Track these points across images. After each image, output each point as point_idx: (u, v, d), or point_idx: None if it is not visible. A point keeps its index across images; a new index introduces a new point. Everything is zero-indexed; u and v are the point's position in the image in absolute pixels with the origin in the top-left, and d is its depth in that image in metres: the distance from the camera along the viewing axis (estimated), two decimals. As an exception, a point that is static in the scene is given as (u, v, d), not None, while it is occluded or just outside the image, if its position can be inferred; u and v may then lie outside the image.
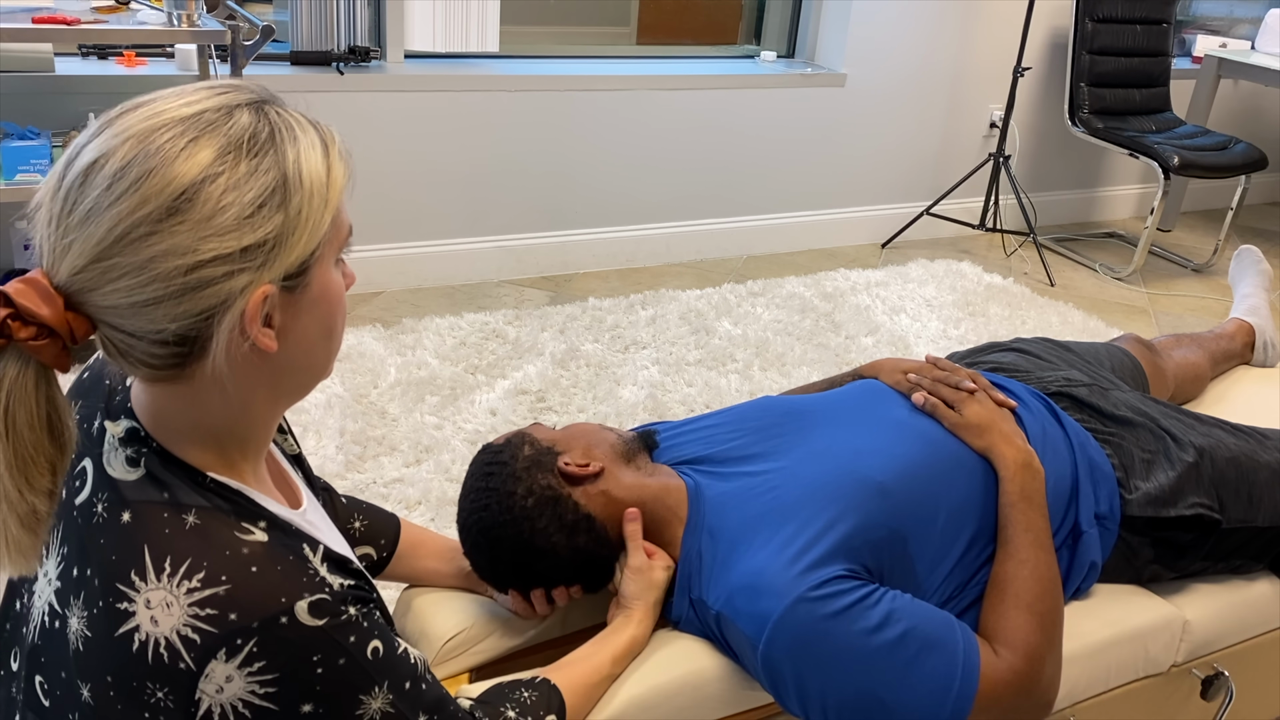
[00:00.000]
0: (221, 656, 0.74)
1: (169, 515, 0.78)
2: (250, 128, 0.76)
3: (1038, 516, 1.25)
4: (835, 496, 1.19)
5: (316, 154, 0.78)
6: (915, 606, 1.11)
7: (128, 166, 0.72)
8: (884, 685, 1.06)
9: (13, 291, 0.72)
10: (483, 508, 1.17)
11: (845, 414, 1.36)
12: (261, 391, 0.83)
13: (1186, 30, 4.84)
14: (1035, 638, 1.14)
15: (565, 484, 1.19)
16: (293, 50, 3.02)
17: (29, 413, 0.73)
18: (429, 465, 2.30)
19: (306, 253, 0.78)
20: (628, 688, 1.13)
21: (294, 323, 0.80)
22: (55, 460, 0.75)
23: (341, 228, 0.82)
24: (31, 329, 0.72)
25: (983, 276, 3.71)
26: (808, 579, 1.09)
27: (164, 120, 0.74)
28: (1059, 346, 1.74)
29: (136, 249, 0.72)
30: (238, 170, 0.74)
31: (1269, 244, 4.46)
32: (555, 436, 1.24)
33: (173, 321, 0.74)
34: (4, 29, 2.23)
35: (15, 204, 2.69)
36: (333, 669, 0.77)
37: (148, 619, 0.75)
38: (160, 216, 0.72)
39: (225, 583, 0.75)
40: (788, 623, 1.07)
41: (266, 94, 0.80)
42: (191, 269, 0.73)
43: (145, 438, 0.82)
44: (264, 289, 0.75)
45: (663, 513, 1.22)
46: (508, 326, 3.00)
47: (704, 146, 3.61)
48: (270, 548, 0.78)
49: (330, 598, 0.78)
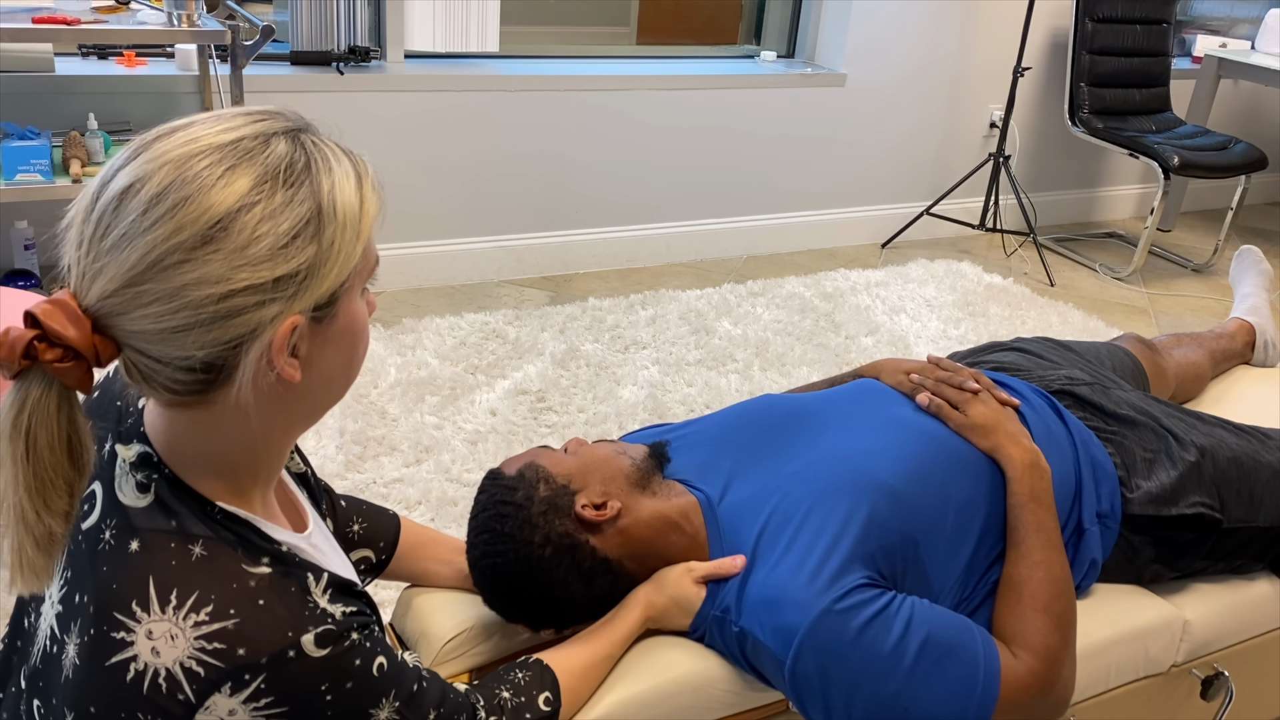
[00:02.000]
0: (225, 690, 0.74)
1: (176, 546, 0.77)
2: (287, 156, 0.75)
3: (1047, 516, 1.25)
4: (845, 501, 1.18)
5: (350, 185, 0.78)
6: (934, 612, 1.11)
7: (164, 193, 0.71)
8: (909, 694, 1.06)
9: (40, 313, 0.71)
10: (497, 554, 1.14)
11: (850, 415, 1.35)
12: (279, 419, 0.82)
13: (1186, 30, 4.84)
14: (1052, 639, 1.14)
15: (583, 530, 1.15)
16: (293, 50, 3.02)
17: (50, 434, 0.72)
18: (429, 465, 2.30)
19: (337, 284, 0.77)
20: (629, 686, 1.13)
21: (319, 353, 0.80)
22: (73, 482, 0.74)
23: (370, 258, 0.82)
24: (58, 351, 0.71)
25: (983, 276, 3.71)
26: (831, 592, 1.08)
27: (201, 147, 0.73)
28: (1060, 346, 1.74)
29: (169, 276, 0.71)
30: (274, 200, 0.73)
31: (1269, 244, 4.46)
32: (569, 470, 1.19)
33: (201, 349, 0.73)
34: (4, 29, 2.23)
35: (15, 204, 2.69)
36: (341, 693, 0.77)
37: (148, 649, 0.74)
38: (195, 244, 0.71)
39: (233, 616, 0.75)
40: (814, 636, 1.07)
41: (302, 121, 0.80)
42: (223, 298, 0.72)
43: (158, 463, 0.81)
44: (293, 319, 0.75)
45: (684, 542, 1.20)
46: (508, 326, 3.00)
47: (704, 146, 3.61)
48: (275, 580, 0.78)
49: (335, 627, 0.78)
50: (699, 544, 1.20)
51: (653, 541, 1.19)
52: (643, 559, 1.18)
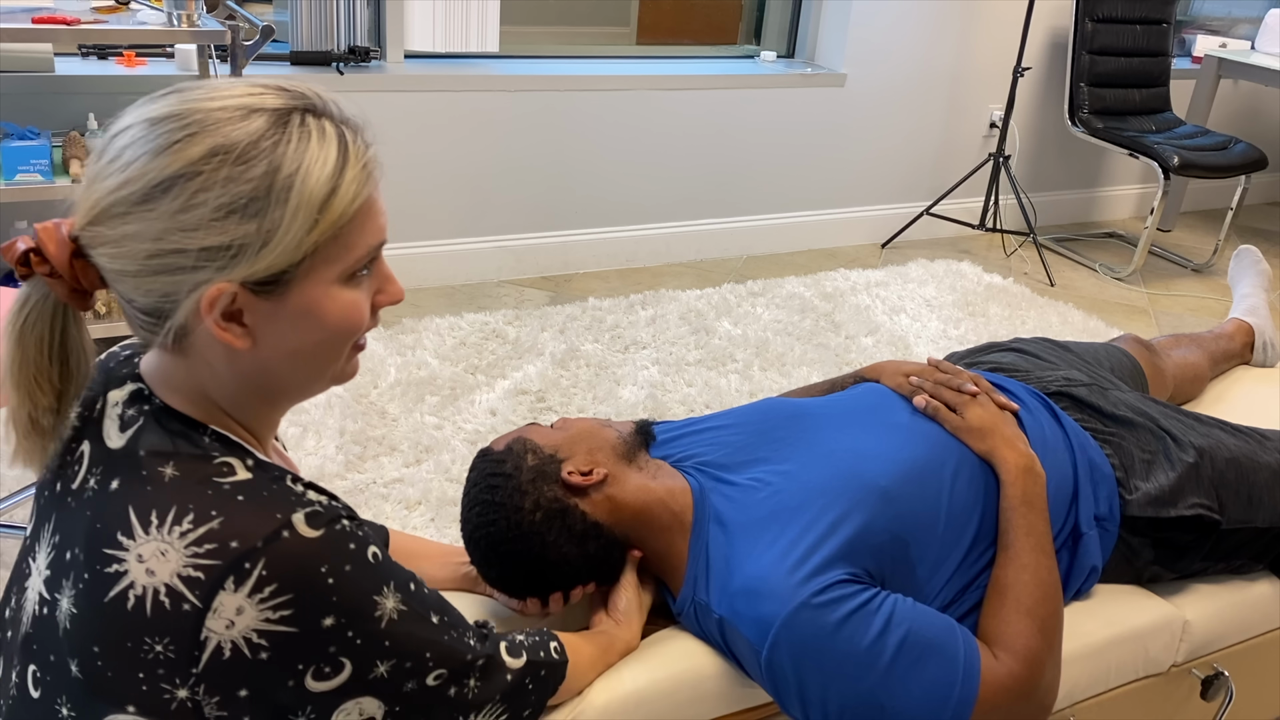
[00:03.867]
0: (229, 586, 0.75)
1: (148, 472, 0.80)
2: (257, 135, 0.77)
3: (1039, 521, 1.25)
4: (838, 500, 1.18)
5: (324, 171, 0.78)
6: (917, 611, 1.11)
7: (131, 144, 0.77)
8: (885, 691, 1.06)
9: (39, 228, 0.79)
10: (489, 523, 1.16)
11: (848, 417, 1.36)
12: (251, 385, 0.85)
13: (1186, 30, 4.84)
14: (1035, 642, 1.14)
15: (571, 494, 1.18)
16: (292, 50, 3.02)
17: (39, 337, 0.80)
18: (429, 465, 2.30)
19: (281, 264, 0.78)
20: (627, 683, 1.13)
21: (269, 327, 0.81)
22: (59, 385, 0.82)
23: (352, 249, 0.82)
24: (46, 266, 0.78)
25: (983, 276, 3.71)
26: (810, 585, 1.09)
27: (184, 109, 0.78)
28: (1058, 346, 1.74)
29: (115, 224, 0.77)
30: (218, 174, 0.76)
31: (1269, 244, 4.46)
32: (556, 441, 1.22)
33: (141, 295, 0.79)
34: (4, 29, 2.23)
35: (15, 204, 2.69)
36: (341, 575, 0.78)
37: (142, 572, 0.76)
38: (137, 200, 0.76)
39: (216, 517, 0.77)
40: (790, 628, 1.07)
41: (313, 102, 0.81)
42: (153, 255, 0.77)
43: (148, 395, 0.85)
44: (220, 286, 0.78)
45: (667, 518, 1.21)
46: (508, 326, 3.00)
47: (704, 146, 3.61)
48: (253, 481, 0.81)
49: (322, 509, 0.80)
50: (683, 525, 1.21)
51: (639, 512, 1.20)
52: (630, 526, 1.20)
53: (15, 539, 1.96)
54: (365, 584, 0.79)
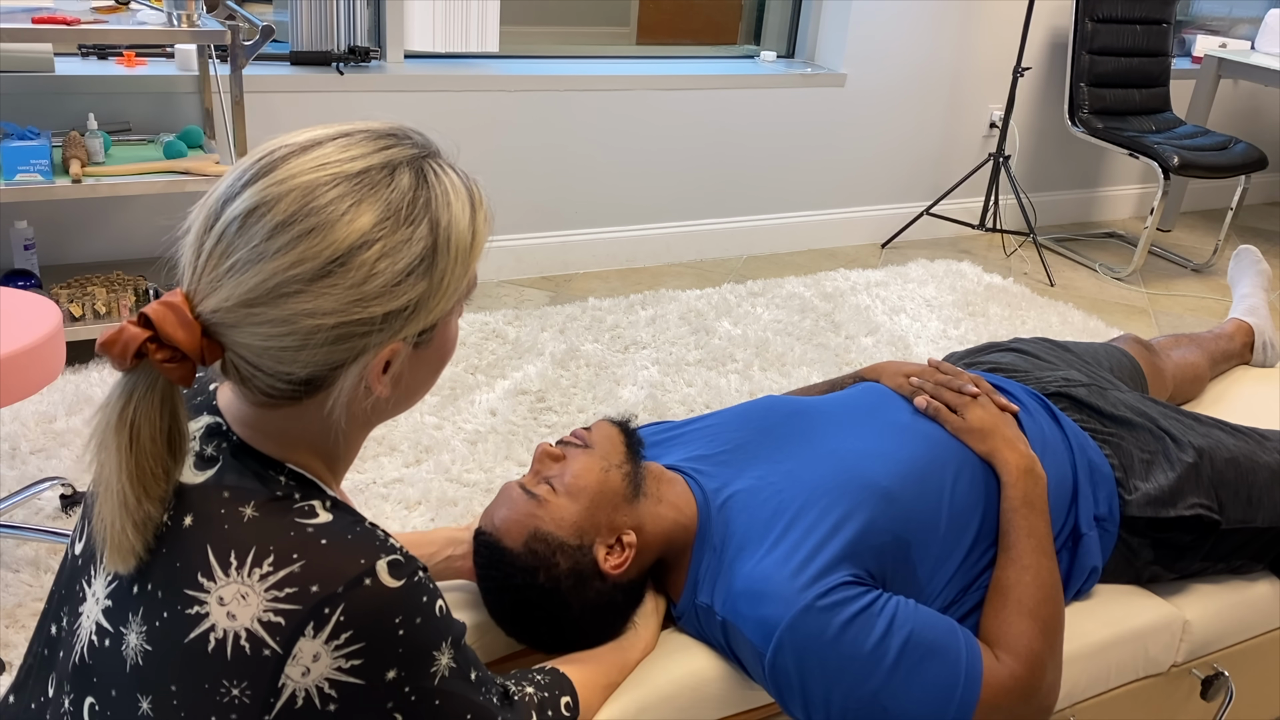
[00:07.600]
0: (309, 632, 0.74)
1: (226, 511, 0.78)
2: (410, 191, 0.76)
3: (1040, 522, 1.25)
4: (840, 500, 1.19)
5: (465, 217, 0.79)
6: (919, 613, 1.11)
7: (289, 221, 0.73)
8: (888, 693, 1.06)
9: (154, 315, 0.73)
10: (540, 633, 1.15)
11: (849, 417, 1.36)
12: (359, 422, 0.84)
13: (1186, 30, 4.85)
14: (1037, 643, 1.14)
15: (612, 578, 1.15)
16: (292, 50, 3.02)
17: (152, 426, 0.75)
18: (429, 465, 2.30)
19: (442, 314, 0.79)
20: (627, 688, 1.13)
21: (411, 371, 0.82)
22: (170, 470, 0.78)
23: (473, 283, 0.83)
24: (167, 351, 0.73)
25: (983, 276, 3.71)
26: (814, 587, 1.09)
27: (330, 175, 0.74)
28: (1058, 346, 1.74)
29: (284, 303, 0.73)
30: (394, 237, 0.75)
31: (1268, 244, 4.46)
32: (572, 521, 1.13)
33: (304, 368, 0.76)
34: (4, 29, 2.23)
35: (15, 204, 2.69)
36: (411, 629, 0.77)
37: (223, 615, 0.75)
38: (313, 277, 0.73)
39: (297, 560, 0.75)
40: (794, 631, 1.07)
41: (426, 147, 0.80)
42: (334, 328, 0.74)
43: (226, 431, 0.83)
44: (394, 348, 0.77)
45: (681, 535, 1.21)
46: (508, 326, 3.00)
47: (704, 146, 3.61)
48: (335, 524, 0.79)
49: (403, 559, 0.78)
50: (691, 534, 1.21)
51: (661, 547, 1.20)
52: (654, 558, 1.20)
53: (15, 539, 1.96)
54: (430, 638, 0.79)
